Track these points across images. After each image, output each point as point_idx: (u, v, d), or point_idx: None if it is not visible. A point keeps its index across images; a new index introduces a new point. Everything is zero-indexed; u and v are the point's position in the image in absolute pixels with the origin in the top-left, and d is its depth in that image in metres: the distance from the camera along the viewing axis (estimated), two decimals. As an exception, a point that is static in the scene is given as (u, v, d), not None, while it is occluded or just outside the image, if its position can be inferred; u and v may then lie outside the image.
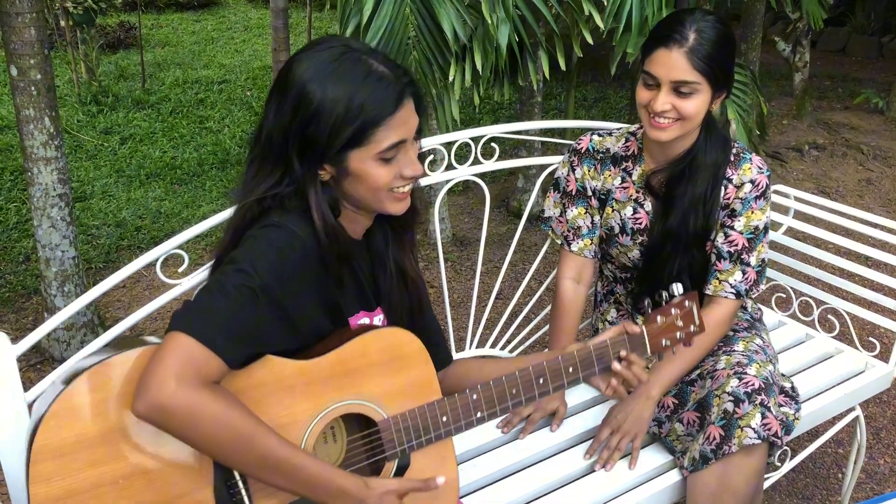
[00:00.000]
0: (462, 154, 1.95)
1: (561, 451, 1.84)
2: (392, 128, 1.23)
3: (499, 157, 2.12)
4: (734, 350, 1.82)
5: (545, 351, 1.76)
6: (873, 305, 2.28)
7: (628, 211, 1.86)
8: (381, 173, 1.25)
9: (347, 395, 1.27)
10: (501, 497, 1.69)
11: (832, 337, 2.32)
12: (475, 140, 2.06)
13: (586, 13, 2.98)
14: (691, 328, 1.54)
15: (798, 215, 2.46)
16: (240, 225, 1.28)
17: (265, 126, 1.26)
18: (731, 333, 1.90)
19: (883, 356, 2.22)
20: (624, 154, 1.88)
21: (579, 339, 1.50)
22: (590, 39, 3.08)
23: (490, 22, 2.79)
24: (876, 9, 8.19)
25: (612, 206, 1.88)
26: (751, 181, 1.79)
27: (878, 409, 2.88)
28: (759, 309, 2.07)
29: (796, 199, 2.46)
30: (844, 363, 2.21)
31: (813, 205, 2.44)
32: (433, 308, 1.57)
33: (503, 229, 4.22)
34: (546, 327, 2.36)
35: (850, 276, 2.38)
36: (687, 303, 1.53)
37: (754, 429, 1.63)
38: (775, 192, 2.48)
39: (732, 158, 1.81)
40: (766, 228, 1.83)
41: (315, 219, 1.24)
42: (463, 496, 1.66)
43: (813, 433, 2.37)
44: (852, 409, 2.17)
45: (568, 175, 1.92)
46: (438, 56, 2.96)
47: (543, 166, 2.24)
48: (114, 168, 4.88)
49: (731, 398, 1.68)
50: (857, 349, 2.26)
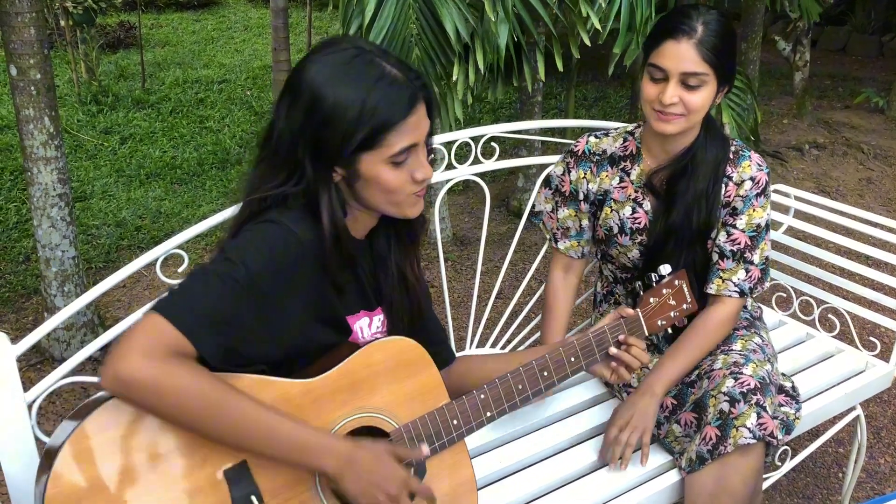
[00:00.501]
0: (462, 153, 1.95)
1: (562, 451, 1.84)
2: (404, 132, 1.23)
3: (499, 157, 2.12)
4: (732, 349, 1.82)
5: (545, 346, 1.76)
6: (874, 305, 2.28)
7: (627, 211, 1.86)
8: (392, 177, 1.25)
9: (356, 409, 1.27)
10: (502, 497, 1.69)
11: (833, 336, 2.32)
12: (475, 139, 2.06)
13: (584, 14, 2.98)
14: (684, 306, 1.57)
15: (798, 214, 2.46)
16: (240, 220, 1.28)
17: (276, 127, 1.26)
18: (731, 332, 1.90)
19: (883, 355, 2.22)
20: (622, 154, 1.88)
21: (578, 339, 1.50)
22: (587, 41, 3.08)
23: (492, 20, 2.80)
24: (876, 8, 8.18)
25: (611, 207, 1.87)
26: (751, 178, 1.79)
27: (879, 409, 2.88)
28: (759, 307, 2.06)
29: (797, 199, 2.46)
30: (845, 362, 2.21)
31: (813, 204, 2.43)
32: (434, 307, 1.58)
33: (503, 229, 4.22)
34: (546, 327, 2.36)
35: (851, 276, 2.38)
36: (677, 282, 1.56)
37: (749, 428, 1.63)
38: (775, 192, 2.48)
39: (732, 156, 1.81)
40: (768, 226, 1.83)
41: (324, 220, 1.24)
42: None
43: (813, 433, 2.37)
44: (853, 409, 2.17)
45: (563, 175, 1.92)
46: (441, 55, 2.96)
47: (543, 165, 2.24)
48: (114, 168, 4.87)
49: (727, 398, 1.68)
50: (858, 348, 2.26)
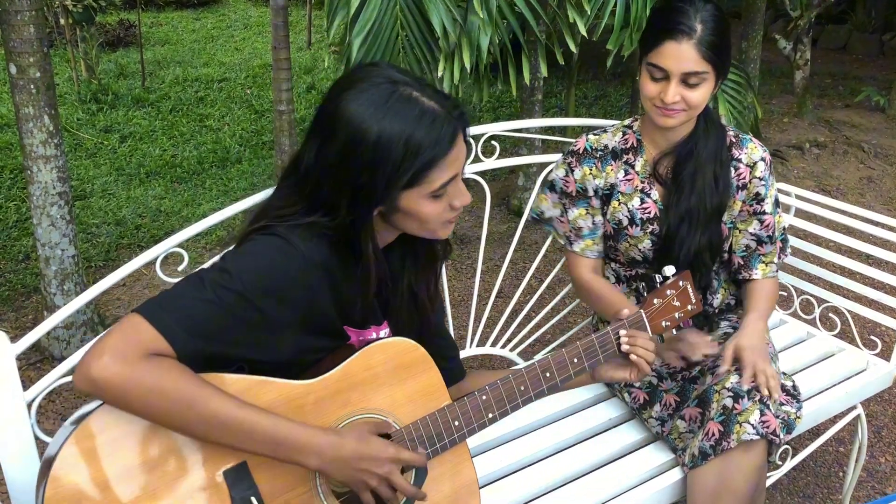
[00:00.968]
0: (462, 152, 1.94)
1: (563, 450, 1.84)
2: (445, 167, 1.20)
3: (499, 156, 2.11)
4: (735, 346, 1.82)
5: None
6: (874, 304, 2.28)
7: (636, 202, 1.87)
8: (432, 209, 1.23)
9: (357, 410, 1.27)
10: (503, 496, 1.69)
11: (833, 335, 2.32)
12: (475, 138, 2.05)
13: (570, 20, 2.99)
14: (689, 307, 1.55)
15: (799, 213, 2.45)
16: (249, 230, 1.25)
17: (304, 162, 1.23)
18: (732, 331, 1.91)
19: (884, 354, 2.21)
20: (623, 147, 1.89)
21: (580, 338, 1.49)
22: (573, 47, 3.10)
23: (480, 17, 2.78)
24: (877, 6, 8.18)
25: (619, 200, 1.88)
26: (761, 159, 1.87)
27: (880, 408, 2.88)
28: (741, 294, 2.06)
29: (797, 198, 2.45)
30: (845, 362, 2.20)
31: (814, 203, 2.43)
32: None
33: (503, 228, 4.22)
34: (546, 326, 2.35)
35: (851, 275, 2.38)
36: (681, 282, 1.54)
37: (753, 425, 1.63)
38: (776, 191, 2.48)
39: (734, 140, 1.87)
40: (777, 199, 1.95)
41: (367, 253, 1.23)
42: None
43: (814, 432, 2.37)
44: (853, 408, 2.17)
45: (566, 176, 1.91)
46: (427, 52, 2.94)
47: (544, 164, 2.24)
48: (113, 166, 4.87)
49: (731, 394, 1.68)
50: (859, 347, 2.25)
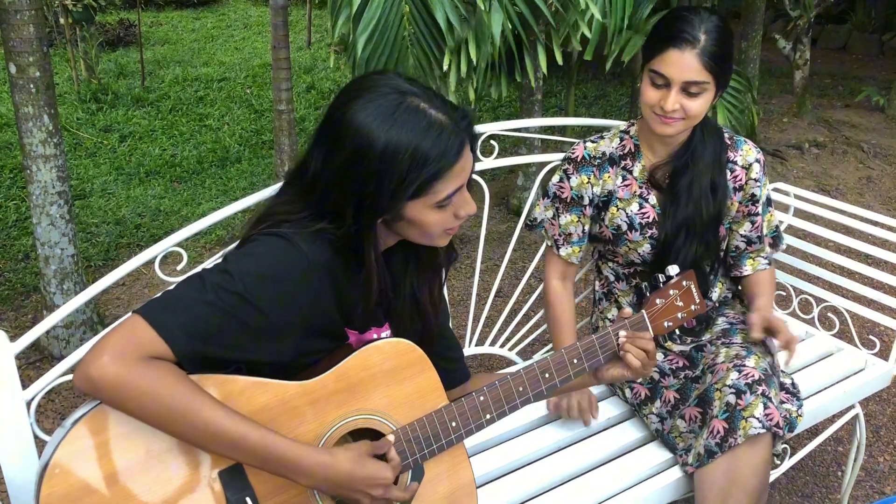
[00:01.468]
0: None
1: (563, 448, 1.84)
2: (451, 178, 1.20)
3: (498, 155, 2.11)
4: (733, 342, 1.84)
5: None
6: (873, 303, 2.28)
7: (634, 207, 1.87)
8: (437, 218, 1.23)
9: (353, 411, 1.26)
10: (504, 494, 1.69)
11: (832, 335, 2.32)
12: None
13: (582, 6, 2.97)
14: (692, 307, 1.54)
15: (798, 213, 2.46)
16: (252, 230, 1.25)
17: (311, 170, 1.22)
18: (729, 326, 1.91)
19: (883, 354, 2.22)
20: (621, 153, 1.90)
21: (578, 337, 1.49)
22: (588, 32, 3.07)
23: (483, 9, 2.76)
24: (876, 6, 8.18)
25: (617, 206, 1.89)
26: (756, 161, 1.89)
27: (878, 407, 2.88)
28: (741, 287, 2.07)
29: (796, 197, 2.46)
30: (844, 361, 2.21)
31: (813, 203, 2.43)
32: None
33: (503, 227, 4.22)
34: (545, 325, 2.36)
35: (850, 274, 2.38)
36: (685, 282, 1.53)
37: (758, 418, 1.64)
38: (775, 191, 2.49)
39: (728, 142, 1.89)
40: (769, 199, 1.98)
41: (369, 260, 1.22)
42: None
43: (812, 431, 2.37)
44: (852, 407, 2.17)
45: (561, 182, 1.92)
46: (434, 47, 2.92)
47: (543, 164, 2.24)
48: (113, 166, 4.87)
49: (733, 390, 1.69)
50: (857, 347, 2.26)
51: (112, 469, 1.11)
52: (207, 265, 1.36)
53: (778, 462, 1.91)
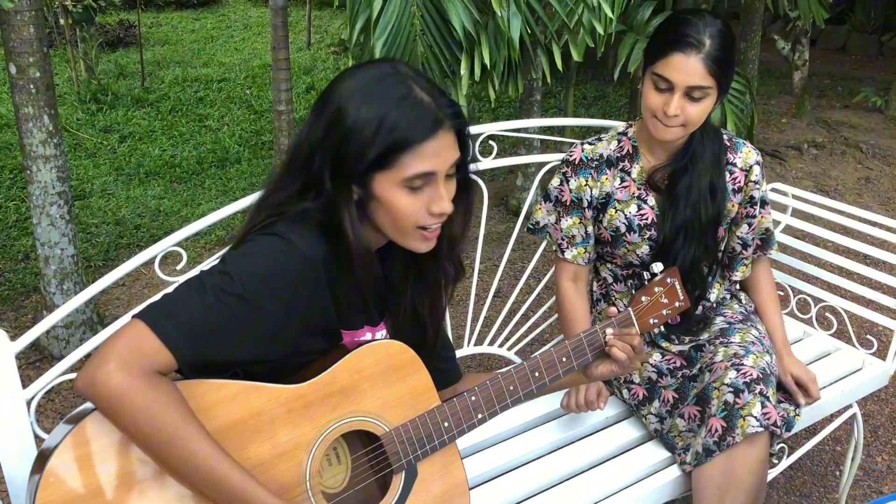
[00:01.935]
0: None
1: (560, 448, 1.85)
2: (422, 156, 1.17)
3: (497, 155, 2.12)
4: (731, 342, 1.84)
5: None
6: (871, 303, 2.29)
7: (633, 208, 1.88)
8: (406, 202, 1.20)
9: (346, 413, 1.26)
10: (502, 493, 1.69)
11: (830, 335, 2.32)
12: (473, 138, 2.05)
13: (595, 4, 2.98)
14: (676, 304, 1.55)
15: (796, 213, 2.46)
16: (247, 229, 1.25)
17: (299, 137, 1.24)
18: (727, 326, 1.92)
19: (880, 354, 2.22)
20: (619, 155, 1.90)
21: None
22: (601, 30, 3.09)
23: (500, 16, 2.80)
24: (876, 7, 8.19)
25: (615, 208, 1.89)
26: (756, 163, 1.89)
27: (876, 407, 2.88)
28: (753, 302, 2.07)
29: (795, 198, 2.46)
30: (842, 361, 2.21)
31: (812, 203, 2.44)
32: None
33: (502, 227, 4.22)
34: (544, 325, 2.36)
35: (849, 274, 2.39)
36: (669, 279, 1.54)
37: (756, 417, 1.65)
38: (773, 191, 2.49)
39: (728, 144, 1.89)
40: (763, 199, 1.96)
41: (349, 237, 1.21)
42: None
43: (810, 430, 2.38)
44: (850, 407, 2.17)
45: (561, 185, 1.93)
46: (446, 51, 2.96)
47: (542, 164, 2.24)
48: (113, 166, 4.88)
49: (731, 389, 1.69)
50: (855, 347, 2.26)
51: (107, 475, 1.11)
52: (206, 267, 1.36)
53: (776, 461, 1.92)
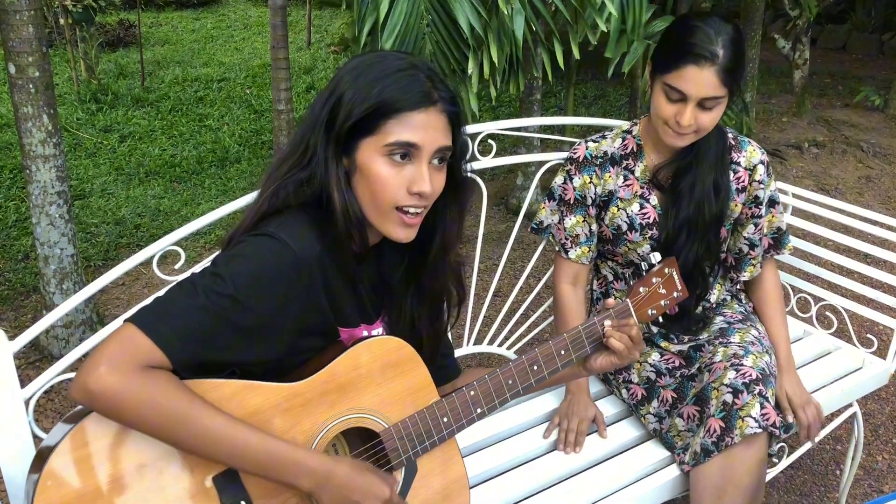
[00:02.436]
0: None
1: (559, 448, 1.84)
2: (408, 125, 1.18)
3: (497, 154, 2.12)
4: (730, 342, 1.83)
5: None
6: (871, 302, 2.28)
7: (635, 207, 1.87)
8: (386, 173, 1.19)
9: (345, 410, 1.26)
10: (501, 493, 1.69)
11: (830, 334, 2.32)
12: (473, 137, 2.05)
13: (599, 2, 2.99)
14: (674, 294, 1.55)
15: (797, 212, 2.46)
16: (239, 230, 1.25)
17: (305, 113, 1.26)
18: (727, 325, 1.91)
19: (881, 353, 2.22)
20: (622, 153, 1.90)
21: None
22: (603, 27, 3.10)
23: (505, 13, 2.81)
24: (876, 6, 8.18)
25: (617, 206, 1.89)
26: (760, 162, 1.88)
27: (876, 406, 2.88)
28: (752, 302, 2.07)
29: (795, 197, 2.46)
30: (842, 360, 2.21)
31: (812, 202, 2.43)
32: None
33: (502, 227, 4.22)
34: (543, 324, 2.36)
35: (849, 274, 2.38)
36: (667, 270, 1.54)
37: (755, 418, 1.64)
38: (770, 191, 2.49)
39: (733, 142, 1.88)
40: (772, 199, 1.95)
41: (336, 203, 1.20)
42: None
43: (811, 430, 2.37)
44: (850, 406, 2.17)
45: (565, 184, 1.92)
46: (455, 50, 2.97)
47: (542, 163, 2.24)
48: (113, 166, 4.88)
49: (730, 389, 1.69)
50: (855, 346, 2.26)
51: (106, 476, 1.11)
52: (198, 270, 1.36)
53: (776, 461, 1.91)
